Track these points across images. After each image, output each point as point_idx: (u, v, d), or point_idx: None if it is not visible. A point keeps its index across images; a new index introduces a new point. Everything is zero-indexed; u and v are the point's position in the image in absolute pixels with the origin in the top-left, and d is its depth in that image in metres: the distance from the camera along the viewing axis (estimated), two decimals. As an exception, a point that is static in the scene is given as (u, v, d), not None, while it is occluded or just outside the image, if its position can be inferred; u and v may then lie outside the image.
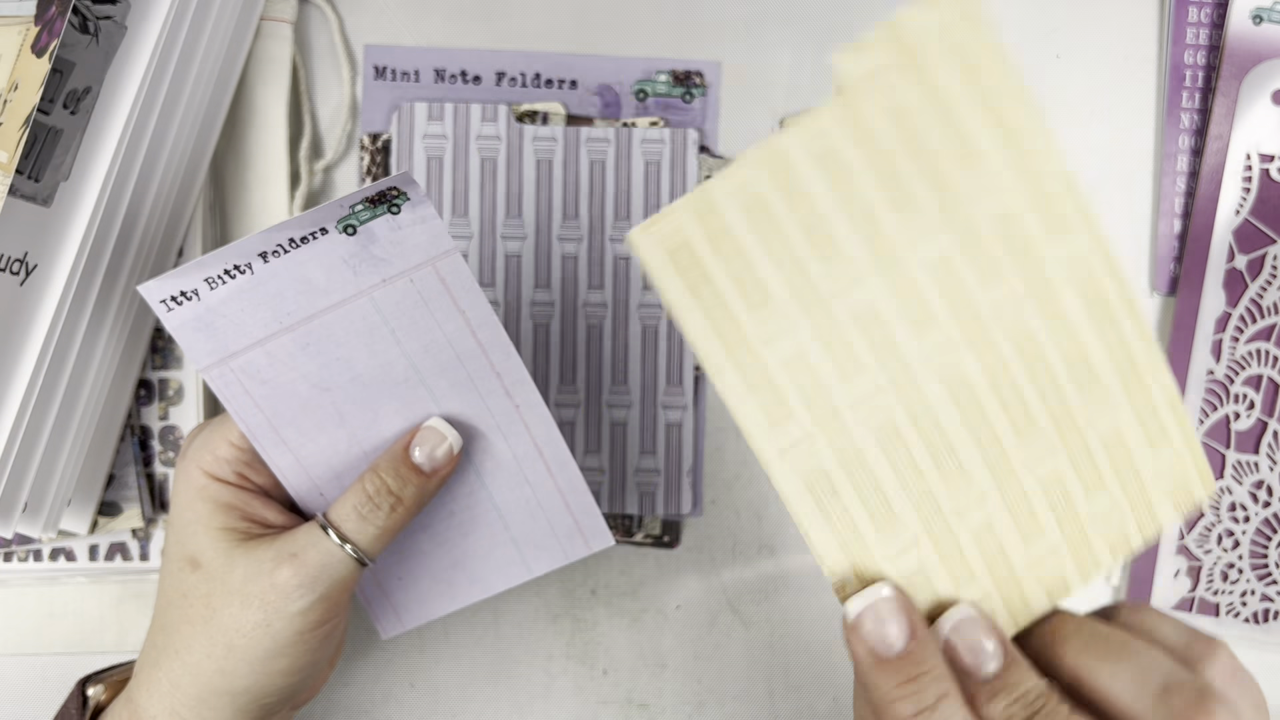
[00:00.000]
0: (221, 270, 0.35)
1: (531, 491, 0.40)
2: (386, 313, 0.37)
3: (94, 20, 0.39)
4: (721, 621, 0.48)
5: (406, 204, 0.36)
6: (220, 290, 0.36)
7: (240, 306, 0.36)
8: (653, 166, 0.47)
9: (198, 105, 0.43)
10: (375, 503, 0.37)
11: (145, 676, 0.37)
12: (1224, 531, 0.47)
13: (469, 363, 0.38)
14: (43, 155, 0.39)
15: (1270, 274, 0.47)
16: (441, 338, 0.38)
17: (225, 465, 0.37)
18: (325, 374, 0.38)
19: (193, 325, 0.36)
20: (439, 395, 0.38)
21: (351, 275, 0.37)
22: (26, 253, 0.39)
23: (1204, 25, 0.48)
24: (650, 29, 0.48)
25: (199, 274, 0.35)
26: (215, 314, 0.36)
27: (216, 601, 0.36)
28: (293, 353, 0.37)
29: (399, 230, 0.36)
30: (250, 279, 0.36)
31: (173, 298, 0.36)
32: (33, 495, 0.41)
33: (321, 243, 0.36)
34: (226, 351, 0.37)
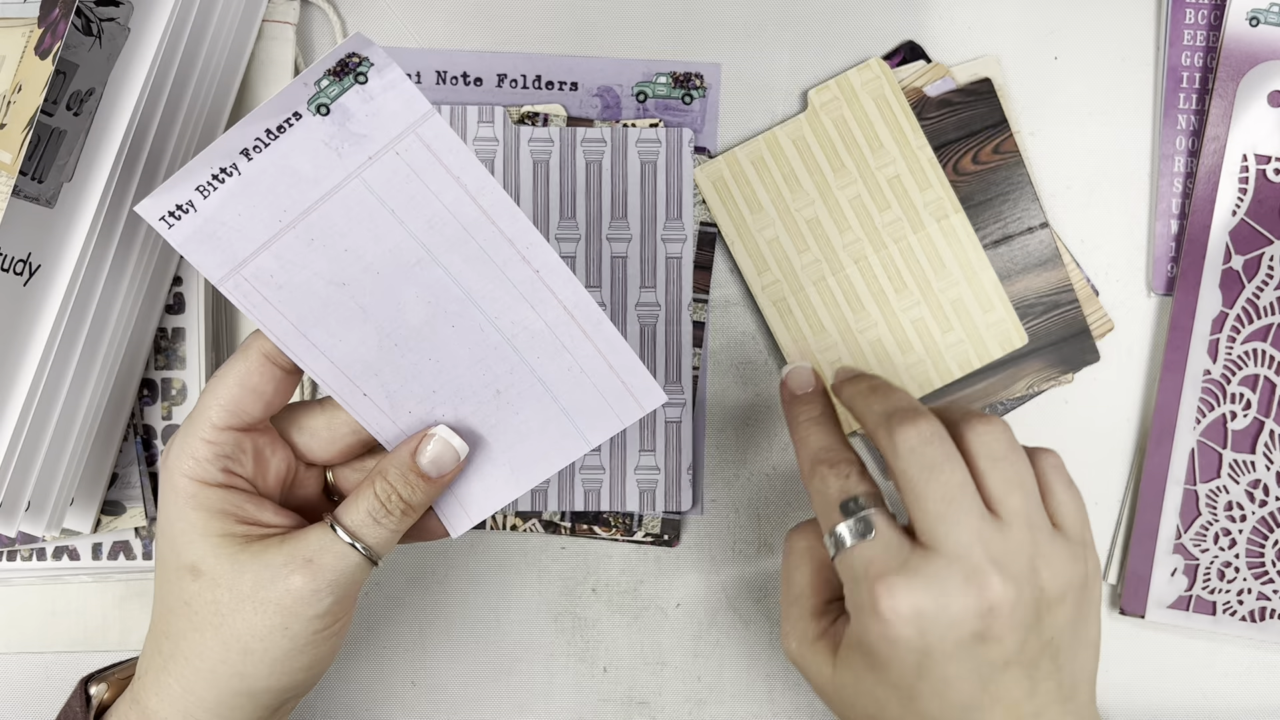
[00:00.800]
0: (209, 175, 0.34)
1: (571, 358, 0.39)
2: (380, 192, 0.36)
3: (97, 22, 0.40)
4: (721, 619, 0.49)
5: (372, 70, 0.34)
6: (213, 197, 0.35)
7: (237, 210, 0.35)
8: (649, 166, 0.47)
9: (200, 107, 0.44)
10: (387, 508, 0.37)
11: (153, 680, 0.37)
12: (1221, 530, 0.47)
13: (477, 232, 0.36)
14: (46, 156, 0.39)
15: (1267, 274, 0.47)
16: (442, 209, 0.36)
17: (208, 465, 0.37)
18: (337, 268, 0.37)
19: (196, 239, 0.35)
20: (455, 273, 0.37)
21: (336, 158, 0.35)
22: (30, 253, 0.39)
23: (1201, 27, 0.48)
24: (650, 31, 0.48)
25: (189, 183, 0.34)
26: (215, 223, 0.35)
27: (225, 609, 0.36)
28: (299, 250, 0.36)
29: (371, 100, 0.34)
30: (240, 180, 0.35)
31: (170, 213, 0.35)
32: (36, 494, 0.41)
33: (299, 129, 0.34)
34: (235, 260, 0.36)
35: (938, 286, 0.48)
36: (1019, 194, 0.48)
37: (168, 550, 0.37)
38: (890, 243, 0.48)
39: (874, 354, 0.48)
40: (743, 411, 0.49)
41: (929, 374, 0.48)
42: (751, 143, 0.48)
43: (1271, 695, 0.48)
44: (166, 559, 0.37)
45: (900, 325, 0.48)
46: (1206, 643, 0.48)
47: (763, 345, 0.49)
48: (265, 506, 0.38)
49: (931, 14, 0.48)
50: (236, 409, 0.37)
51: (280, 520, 0.38)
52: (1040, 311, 0.48)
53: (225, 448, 0.37)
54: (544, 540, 0.48)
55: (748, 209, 0.48)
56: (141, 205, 0.34)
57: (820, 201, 0.48)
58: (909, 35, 0.48)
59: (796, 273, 0.48)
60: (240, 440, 0.37)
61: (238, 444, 0.37)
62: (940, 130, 0.48)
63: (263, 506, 0.38)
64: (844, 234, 0.48)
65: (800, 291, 0.48)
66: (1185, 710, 0.48)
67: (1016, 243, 0.48)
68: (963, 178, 0.48)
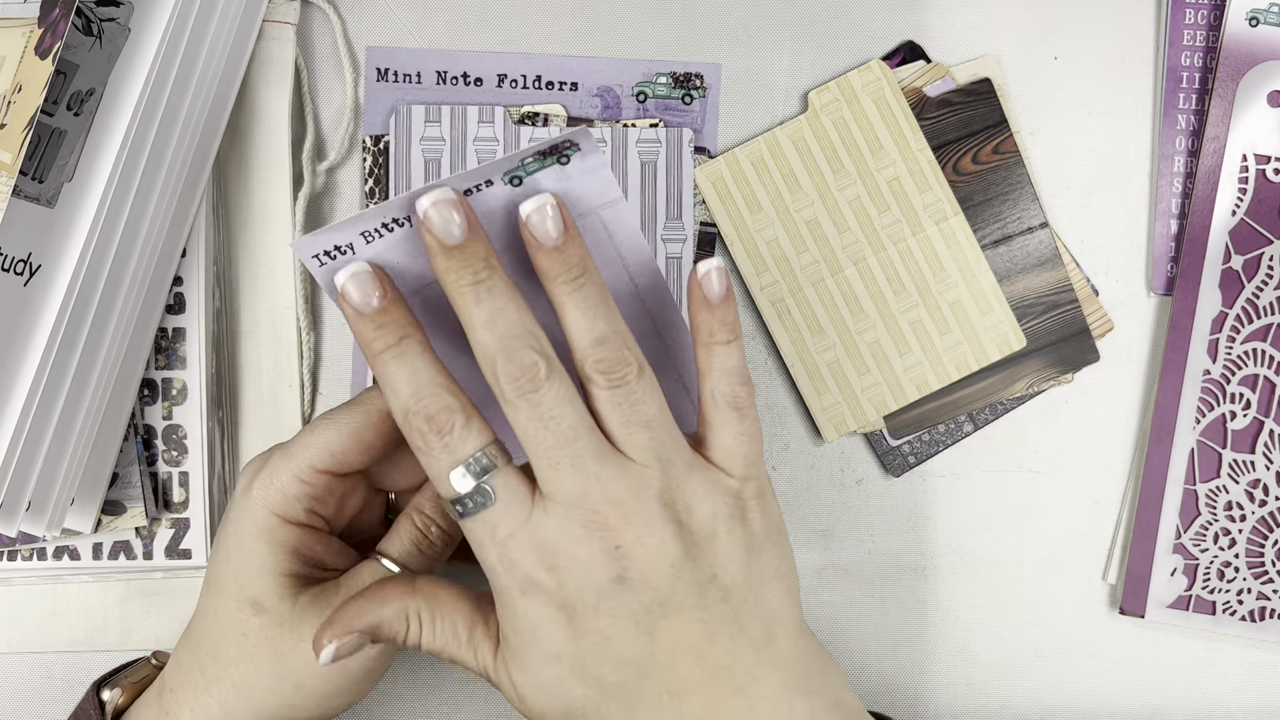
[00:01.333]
0: (380, 224, 0.34)
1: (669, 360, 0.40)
2: None
3: (97, 22, 0.40)
4: (721, 620, 0.49)
5: (576, 154, 0.35)
6: (376, 243, 0.35)
7: (396, 258, 0.35)
8: (649, 167, 0.47)
9: (201, 107, 0.44)
10: (429, 538, 0.38)
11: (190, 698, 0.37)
12: (1220, 530, 0.47)
13: (624, 307, 0.38)
14: (46, 156, 0.39)
15: (1266, 274, 0.47)
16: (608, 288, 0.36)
17: (295, 503, 0.36)
18: None
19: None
20: None
21: (512, 224, 0.35)
22: (30, 253, 0.39)
23: (1200, 27, 0.48)
24: (650, 31, 0.48)
25: (355, 229, 0.34)
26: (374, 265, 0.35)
27: (285, 647, 0.36)
28: (444, 305, 0.36)
29: (566, 180, 0.35)
30: (408, 231, 0.35)
31: (326, 253, 0.35)
32: (37, 494, 0.41)
33: (488, 193, 0.35)
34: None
35: (936, 289, 0.48)
36: (1019, 194, 0.48)
37: (230, 579, 0.37)
38: (889, 244, 0.48)
39: (872, 355, 0.48)
40: (743, 411, 0.49)
41: (926, 376, 0.48)
42: (751, 143, 0.48)
43: (1271, 695, 0.48)
44: (228, 587, 0.37)
45: (898, 327, 0.48)
46: (1206, 642, 0.48)
47: (762, 345, 0.49)
48: (332, 546, 0.38)
49: (931, 14, 0.48)
50: (341, 458, 0.36)
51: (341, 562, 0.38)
52: (1040, 311, 0.48)
53: (317, 490, 0.37)
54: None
55: (747, 209, 0.48)
56: (297, 243, 0.34)
57: (820, 203, 0.48)
58: (909, 35, 0.48)
59: (795, 274, 0.48)
60: (332, 484, 0.37)
61: (329, 488, 0.37)
62: (940, 130, 0.48)
63: (330, 547, 0.38)
64: (843, 235, 0.48)
65: (799, 292, 0.48)
66: (1185, 710, 0.48)
67: (1016, 243, 0.48)
68: (962, 178, 0.48)
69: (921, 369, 0.48)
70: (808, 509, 0.49)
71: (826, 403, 0.48)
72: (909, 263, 0.48)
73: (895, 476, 0.49)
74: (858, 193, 0.48)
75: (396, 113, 0.47)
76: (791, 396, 0.49)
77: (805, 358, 0.48)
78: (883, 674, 0.48)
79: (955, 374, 0.48)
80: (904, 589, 0.49)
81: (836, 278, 0.48)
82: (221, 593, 0.37)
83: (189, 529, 0.46)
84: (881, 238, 0.48)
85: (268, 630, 0.36)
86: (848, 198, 0.48)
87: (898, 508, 0.49)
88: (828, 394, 0.48)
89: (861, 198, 0.48)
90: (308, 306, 0.47)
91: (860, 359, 0.48)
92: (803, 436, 0.49)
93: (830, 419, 0.48)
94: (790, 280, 0.48)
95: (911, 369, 0.48)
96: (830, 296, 0.48)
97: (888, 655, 0.49)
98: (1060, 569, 0.49)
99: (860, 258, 0.48)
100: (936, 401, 0.48)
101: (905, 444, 0.48)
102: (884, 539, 0.49)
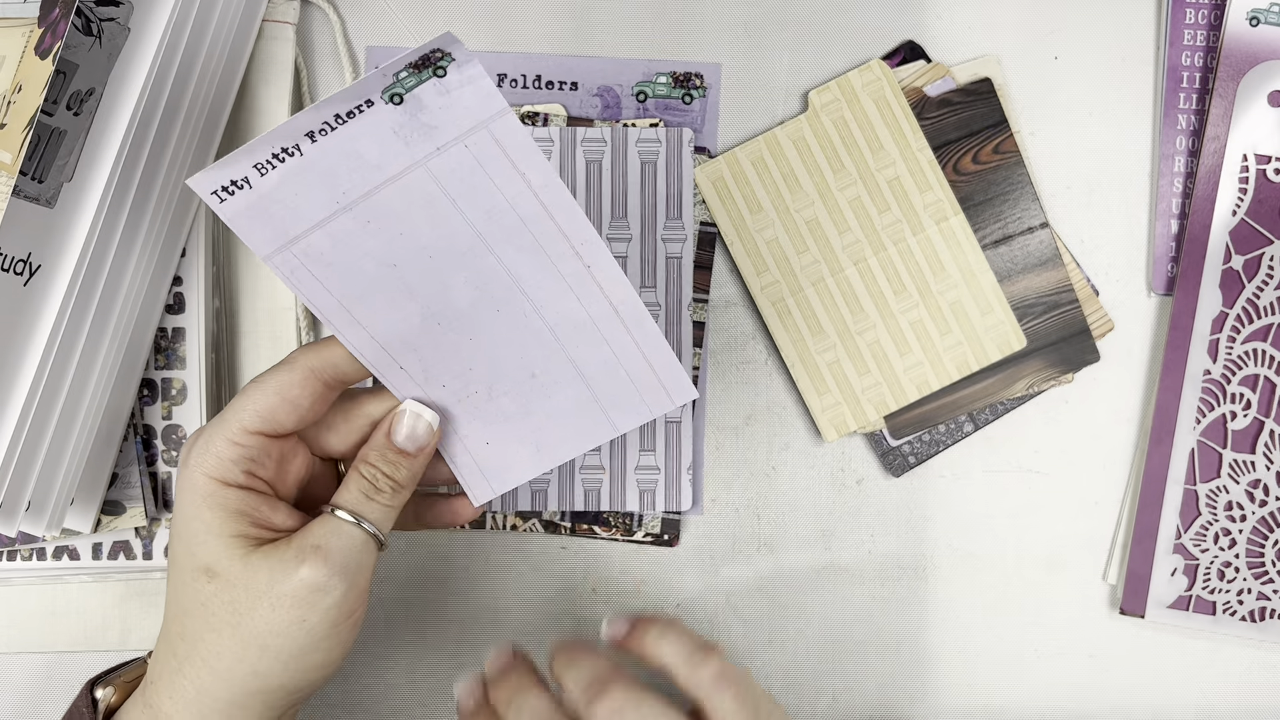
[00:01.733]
0: (270, 154, 0.35)
1: (610, 350, 0.40)
2: (444, 181, 0.36)
3: (97, 22, 0.40)
4: (721, 619, 0.49)
5: (452, 65, 0.34)
6: (271, 175, 0.35)
7: (294, 190, 0.36)
8: (649, 166, 0.47)
9: (201, 107, 0.44)
10: (377, 486, 0.38)
11: (167, 684, 0.37)
12: (1221, 530, 0.47)
13: (534, 226, 0.37)
14: (46, 156, 0.39)
15: (1267, 274, 0.47)
16: (503, 202, 0.37)
17: (231, 466, 0.37)
18: (390, 250, 0.37)
19: (247, 214, 0.36)
20: (506, 261, 0.38)
21: (404, 146, 0.36)
22: (30, 253, 0.39)
23: (1201, 27, 0.48)
24: (650, 31, 0.48)
25: (247, 161, 0.35)
26: (269, 200, 0.36)
27: (243, 607, 0.36)
28: (353, 231, 0.37)
29: (447, 94, 0.35)
30: (300, 160, 0.35)
31: (223, 188, 0.35)
32: (36, 494, 0.41)
33: (369, 116, 0.35)
34: (286, 237, 0.36)
35: (936, 289, 0.48)
36: (1019, 194, 0.48)
37: (183, 551, 0.37)
38: (889, 244, 0.48)
39: (872, 355, 0.48)
40: (743, 411, 0.49)
41: (927, 376, 0.48)
42: (751, 143, 0.48)
43: (1271, 695, 0.48)
44: (181, 560, 0.37)
45: (899, 327, 0.48)
46: (1206, 642, 0.48)
47: (763, 345, 0.49)
48: (279, 509, 0.38)
49: (931, 14, 0.48)
50: (270, 417, 0.37)
51: (291, 523, 0.38)
52: (1040, 311, 0.48)
53: (251, 451, 0.37)
54: (544, 540, 0.48)
55: (747, 209, 0.48)
56: (194, 179, 0.34)
57: (820, 202, 0.48)
58: (909, 35, 0.48)
59: (795, 273, 0.48)
60: (267, 445, 0.37)
61: (264, 449, 0.37)
62: (940, 130, 0.48)
63: (277, 509, 0.38)
64: (843, 235, 0.48)
65: (799, 292, 0.48)
66: (1185, 710, 0.48)
67: (1016, 243, 0.48)
68: (963, 177, 0.48)
69: (922, 369, 0.48)
70: (808, 509, 0.49)
71: (827, 403, 0.48)
72: (909, 263, 0.48)
73: (895, 476, 0.49)
74: (858, 192, 0.48)
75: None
76: (792, 396, 0.49)
77: (805, 358, 0.48)
78: (882, 674, 0.48)
79: (955, 374, 0.48)
80: (904, 589, 0.49)
81: (837, 278, 0.48)
82: (178, 567, 0.37)
83: (189, 529, 0.46)
84: (882, 238, 0.48)
85: (223, 594, 0.36)
86: (848, 198, 0.48)
87: (898, 508, 0.49)
88: (828, 394, 0.48)
89: (862, 197, 0.48)
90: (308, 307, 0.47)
91: (860, 359, 0.48)
92: (803, 436, 0.49)
93: (830, 419, 0.48)
94: (790, 280, 0.48)
95: (912, 369, 0.48)
96: (830, 296, 0.48)
97: (888, 655, 0.49)
98: (1060, 569, 0.49)
99: (860, 258, 0.48)
100: (937, 402, 0.48)
101: (905, 444, 0.48)
102: (884, 539, 0.49)
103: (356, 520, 0.37)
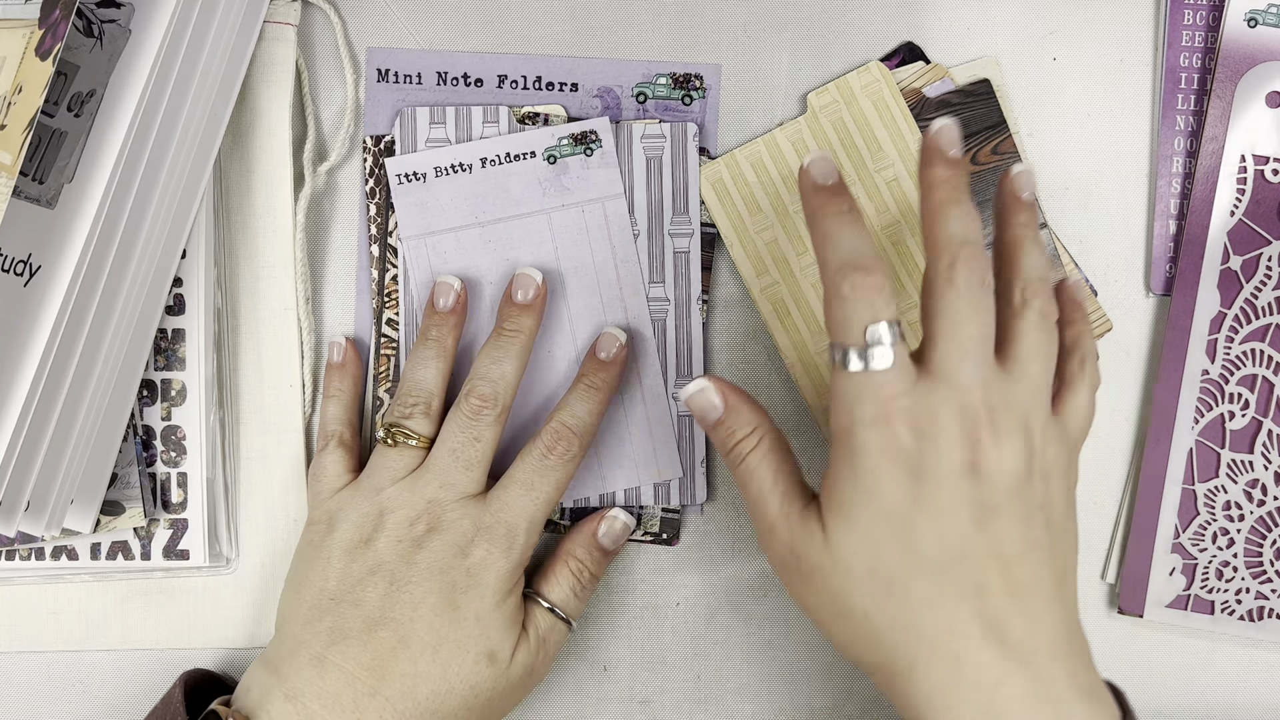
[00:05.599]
0: (451, 163, 0.45)
1: (624, 414, 0.46)
2: (556, 231, 0.46)
3: (98, 23, 0.40)
4: (721, 618, 0.49)
5: (598, 149, 0.46)
6: (443, 180, 0.46)
7: (451, 196, 0.46)
8: (654, 162, 0.47)
9: (202, 108, 0.44)
10: (582, 583, 0.45)
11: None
12: (1219, 530, 0.48)
13: (604, 290, 0.46)
14: (47, 157, 0.39)
15: (1265, 275, 0.47)
16: (590, 263, 0.46)
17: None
18: (492, 267, 0.46)
19: (413, 201, 0.46)
20: (572, 311, 0.46)
21: (540, 194, 0.46)
22: (30, 254, 0.39)
23: (1199, 28, 0.48)
24: (650, 32, 0.48)
25: (433, 161, 0.46)
26: (432, 196, 0.46)
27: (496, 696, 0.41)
28: (475, 244, 0.46)
29: (587, 169, 0.46)
30: (468, 177, 0.46)
31: (409, 174, 0.46)
32: (36, 494, 0.41)
33: (528, 163, 0.46)
34: (429, 229, 0.46)
35: None
36: (1018, 194, 0.48)
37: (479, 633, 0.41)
38: (889, 246, 0.48)
39: None
40: (742, 411, 0.49)
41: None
42: (750, 145, 0.48)
43: (1270, 694, 0.49)
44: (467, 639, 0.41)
45: None
46: (1204, 642, 0.49)
47: (763, 346, 0.49)
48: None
49: (930, 15, 0.49)
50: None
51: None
52: (1039, 312, 0.48)
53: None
54: (544, 539, 0.48)
55: (746, 211, 0.48)
56: (391, 160, 0.46)
57: None
58: (908, 36, 0.48)
59: (795, 275, 0.48)
60: None
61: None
62: (939, 131, 0.48)
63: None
64: None
65: (799, 294, 0.48)
66: (1184, 709, 0.49)
67: (1015, 243, 0.48)
68: (962, 178, 0.48)
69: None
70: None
71: (828, 404, 0.48)
72: (908, 264, 0.48)
73: (895, 476, 0.49)
74: (857, 194, 0.48)
75: (401, 115, 0.47)
76: (792, 397, 0.49)
77: (805, 359, 0.48)
78: (882, 673, 0.49)
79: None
80: (903, 589, 0.49)
81: None
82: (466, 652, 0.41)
83: (187, 529, 0.46)
84: (881, 239, 0.48)
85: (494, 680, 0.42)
86: None
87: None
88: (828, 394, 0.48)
89: (861, 199, 0.48)
90: (308, 307, 0.47)
91: None
92: (805, 437, 0.49)
93: None
94: (790, 281, 0.48)
95: None
96: None
97: (887, 655, 0.49)
98: (1059, 569, 0.49)
99: None
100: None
101: (905, 444, 0.48)
102: (883, 539, 0.49)
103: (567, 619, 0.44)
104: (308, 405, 0.48)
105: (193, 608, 0.48)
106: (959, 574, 0.35)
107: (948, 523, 0.35)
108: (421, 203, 0.45)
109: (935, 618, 0.35)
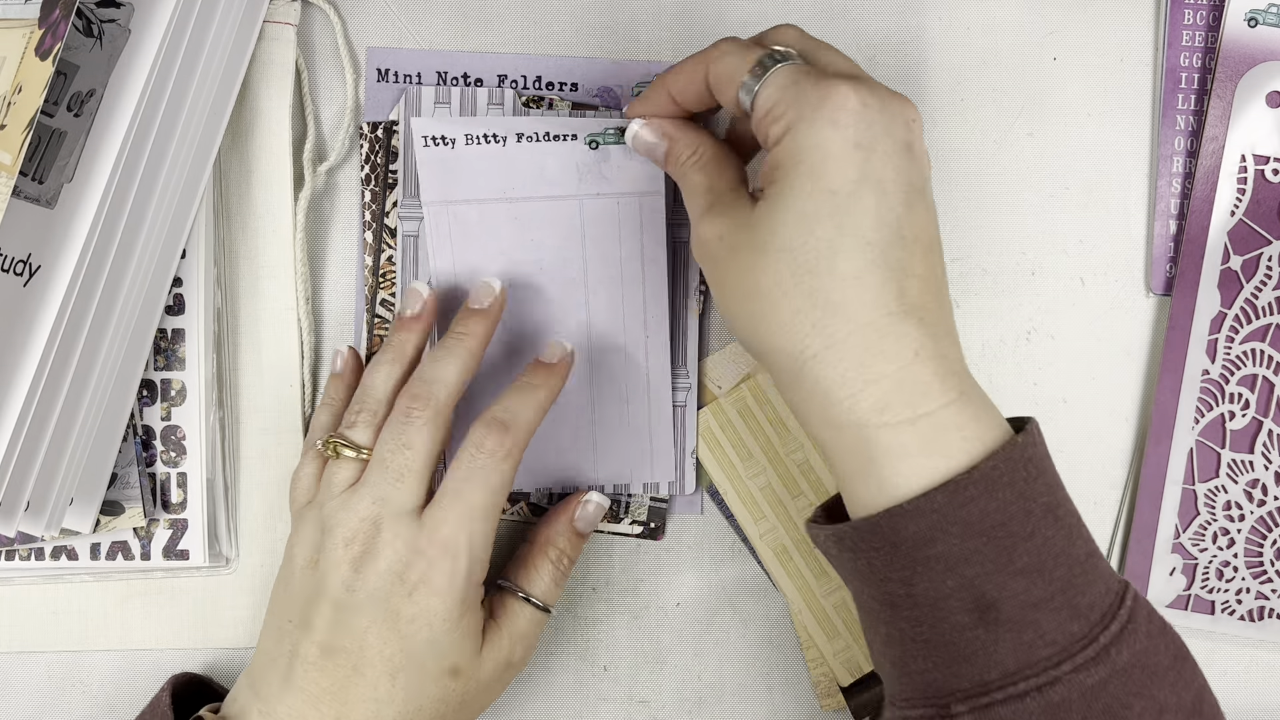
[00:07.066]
0: (484, 133, 0.44)
1: (626, 410, 0.46)
2: (587, 219, 0.45)
3: (98, 23, 0.40)
4: (721, 618, 0.49)
5: None
6: (474, 148, 0.44)
7: (481, 167, 0.44)
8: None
9: (201, 108, 0.44)
10: (561, 569, 0.44)
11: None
12: (1219, 530, 0.48)
13: (627, 286, 0.45)
14: (46, 157, 0.39)
15: (1265, 274, 0.47)
16: (617, 257, 0.45)
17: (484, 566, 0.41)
18: (515, 248, 0.45)
19: (438, 164, 0.44)
20: (591, 303, 0.45)
21: (577, 179, 0.44)
22: (30, 254, 0.39)
23: (1199, 28, 0.48)
24: (650, 32, 0.48)
25: (464, 128, 0.44)
26: (460, 162, 0.44)
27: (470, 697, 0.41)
28: (501, 219, 0.45)
29: (629, 160, 0.44)
30: (501, 149, 0.44)
31: (434, 138, 0.44)
32: (36, 494, 0.41)
33: (567, 145, 0.44)
34: (451, 196, 0.44)
35: None
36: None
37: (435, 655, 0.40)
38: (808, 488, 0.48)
39: None
40: (742, 411, 0.49)
41: None
42: (735, 392, 0.47)
43: (1270, 694, 0.49)
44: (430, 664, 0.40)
45: None
46: (1205, 642, 0.48)
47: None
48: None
49: (931, 15, 0.49)
50: None
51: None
52: (1039, 312, 0.48)
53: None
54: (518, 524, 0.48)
55: (738, 458, 0.47)
56: (417, 121, 0.44)
57: (809, 445, 0.47)
58: (908, 36, 0.48)
59: (792, 518, 0.47)
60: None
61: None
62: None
63: None
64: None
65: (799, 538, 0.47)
66: (1183, 709, 0.49)
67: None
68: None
69: None
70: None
71: (838, 647, 0.47)
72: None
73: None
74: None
75: (405, 95, 0.47)
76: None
77: (812, 603, 0.47)
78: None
79: None
80: (903, 589, 0.49)
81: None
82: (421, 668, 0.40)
83: (186, 529, 0.46)
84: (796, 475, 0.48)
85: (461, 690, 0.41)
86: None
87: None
88: (838, 638, 0.47)
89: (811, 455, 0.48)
90: (308, 306, 0.47)
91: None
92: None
93: (843, 662, 0.47)
94: (789, 526, 0.47)
95: None
96: None
97: (887, 655, 0.49)
98: (1059, 569, 0.49)
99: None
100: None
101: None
102: (883, 539, 0.49)
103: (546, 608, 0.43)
104: (308, 405, 0.48)
105: (193, 608, 0.48)
106: (890, 254, 0.35)
107: (887, 204, 0.35)
108: (447, 168, 0.44)
109: (860, 294, 0.35)
